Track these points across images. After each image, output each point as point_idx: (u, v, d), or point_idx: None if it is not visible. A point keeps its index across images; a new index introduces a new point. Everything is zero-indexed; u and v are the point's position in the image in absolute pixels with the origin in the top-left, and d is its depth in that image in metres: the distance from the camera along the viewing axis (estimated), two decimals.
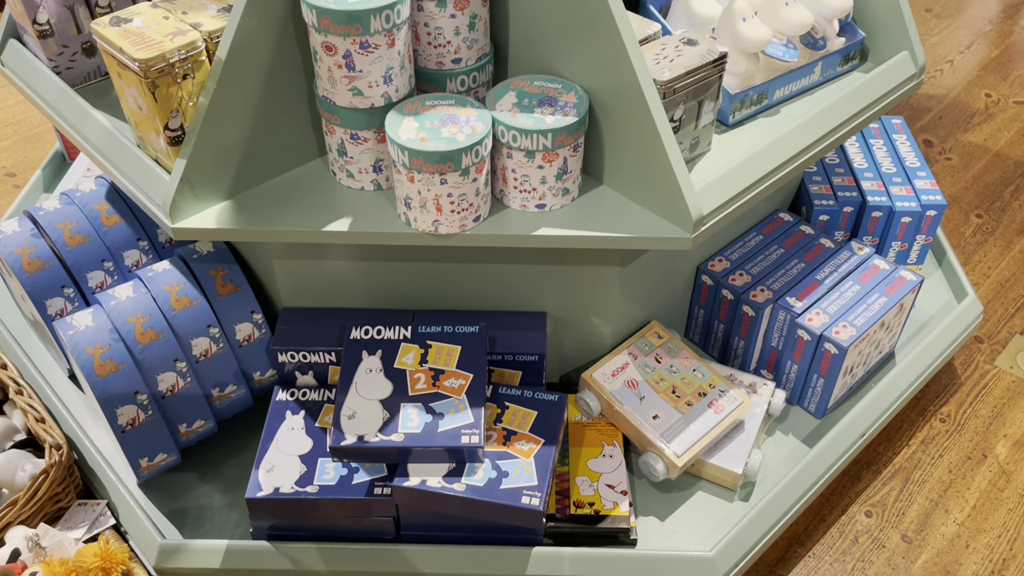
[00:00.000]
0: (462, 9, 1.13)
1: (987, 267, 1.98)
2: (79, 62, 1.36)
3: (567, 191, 1.18)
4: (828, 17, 1.37)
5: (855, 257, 1.51)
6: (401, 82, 1.13)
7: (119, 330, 1.28)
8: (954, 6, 2.97)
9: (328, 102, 1.13)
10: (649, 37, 1.24)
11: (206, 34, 1.10)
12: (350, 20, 1.03)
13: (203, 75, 1.12)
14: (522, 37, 1.19)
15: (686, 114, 1.20)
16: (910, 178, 1.65)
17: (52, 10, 1.29)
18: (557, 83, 1.16)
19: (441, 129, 1.09)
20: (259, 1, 1.06)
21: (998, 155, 2.32)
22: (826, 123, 1.30)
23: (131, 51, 1.05)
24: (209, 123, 1.09)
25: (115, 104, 1.34)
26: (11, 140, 2.33)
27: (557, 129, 1.10)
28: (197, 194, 1.14)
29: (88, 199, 1.46)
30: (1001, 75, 2.64)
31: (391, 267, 1.35)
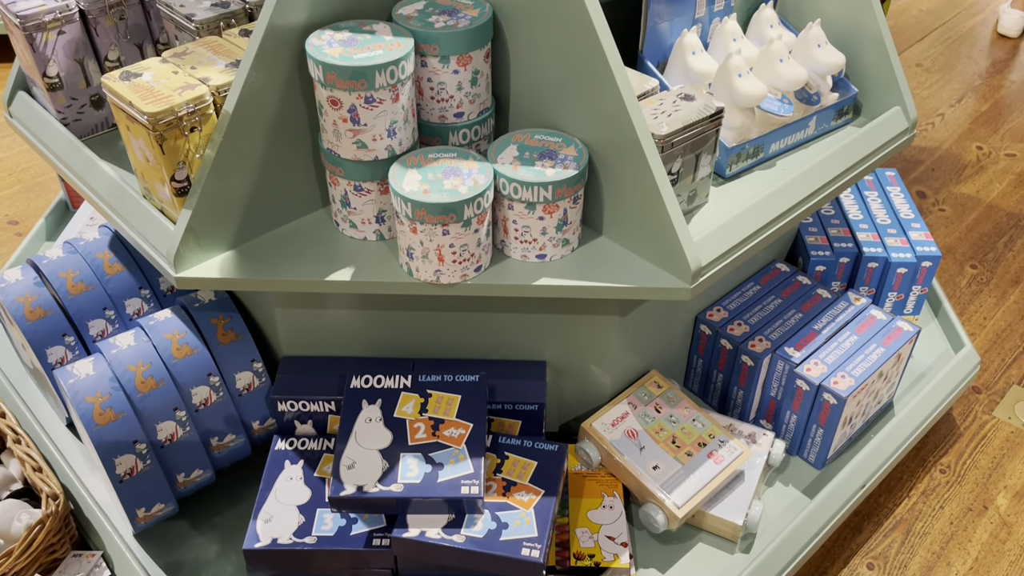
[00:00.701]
0: (464, 65, 1.16)
1: (983, 317, 1.99)
2: (87, 114, 1.39)
3: (567, 242, 1.20)
4: (822, 73, 1.40)
5: (852, 307, 1.53)
6: (405, 135, 1.15)
7: (119, 379, 1.28)
8: (944, 61, 3.04)
9: (333, 154, 1.15)
10: (647, 92, 1.27)
11: (214, 88, 1.12)
12: (355, 75, 1.06)
13: (210, 128, 1.14)
14: (523, 92, 1.22)
15: (684, 167, 1.22)
16: (904, 229, 1.67)
17: (62, 64, 1.32)
18: (557, 137, 1.19)
19: (444, 181, 1.11)
20: (267, 56, 1.08)
21: (991, 206, 2.35)
22: (821, 176, 1.32)
23: (141, 105, 1.07)
24: (215, 174, 1.11)
25: (122, 155, 1.36)
26: (15, 189, 2.35)
27: (557, 182, 1.12)
28: (201, 244, 1.16)
29: (91, 248, 1.47)
30: (992, 128, 2.68)
31: (392, 316, 1.36)
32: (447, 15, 1.15)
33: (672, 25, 1.40)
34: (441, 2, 1.18)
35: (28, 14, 1.26)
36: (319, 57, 1.06)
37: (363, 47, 1.08)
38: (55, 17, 1.28)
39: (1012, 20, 3.14)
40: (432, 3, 1.17)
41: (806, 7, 1.48)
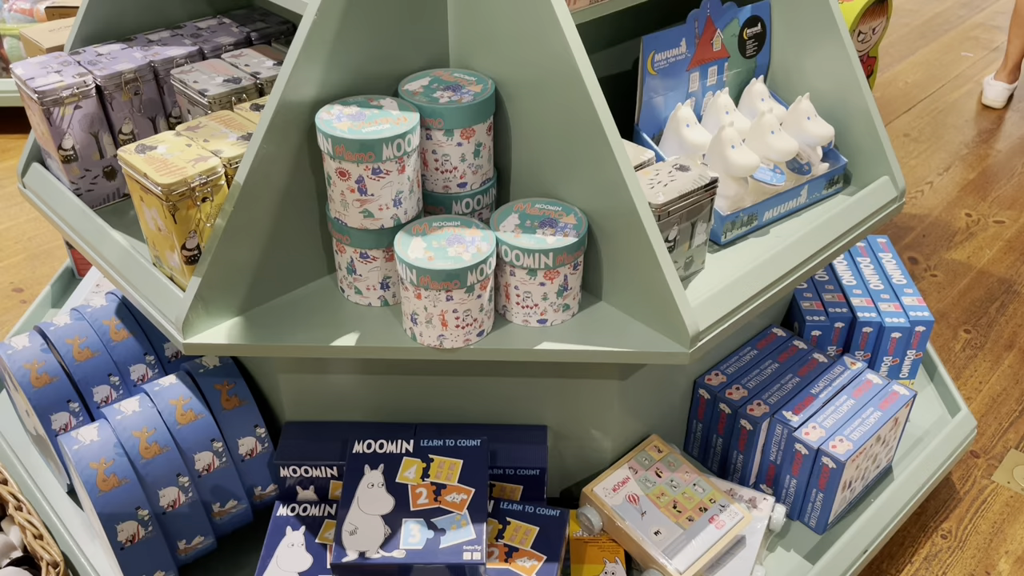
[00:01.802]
0: (468, 138, 1.20)
1: (978, 381, 2.01)
2: (99, 185, 1.43)
3: (568, 307, 1.22)
4: (812, 144, 1.45)
5: (848, 372, 1.55)
6: (410, 205, 1.18)
7: (123, 444, 1.29)
8: (931, 131, 3.12)
9: (340, 223, 1.19)
10: (643, 163, 1.31)
11: (226, 160, 1.16)
12: (363, 148, 1.10)
13: (221, 198, 1.17)
14: (524, 163, 1.26)
15: (680, 234, 1.25)
16: (897, 295, 1.70)
17: (77, 136, 1.36)
18: (557, 206, 1.22)
19: (448, 249, 1.14)
20: (278, 130, 1.13)
21: (982, 272, 2.39)
22: (814, 243, 1.36)
23: (155, 176, 1.11)
24: (225, 243, 1.14)
25: (132, 224, 1.39)
26: (20, 256, 2.38)
27: (558, 249, 1.15)
28: (209, 311, 1.18)
29: (98, 314, 1.49)
30: (980, 196, 2.74)
31: (395, 380, 1.38)
32: (451, 91, 1.20)
33: (666, 99, 1.46)
34: (445, 78, 1.23)
35: (46, 89, 1.31)
36: (328, 131, 1.10)
37: (371, 121, 1.12)
38: (72, 92, 1.33)
39: (996, 92, 3.24)
40: (437, 79, 1.22)
41: (795, 81, 1.54)
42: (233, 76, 1.36)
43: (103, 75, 1.35)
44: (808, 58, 1.50)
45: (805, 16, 1.46)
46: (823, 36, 1.45)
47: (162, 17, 1.54)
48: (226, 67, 1.38)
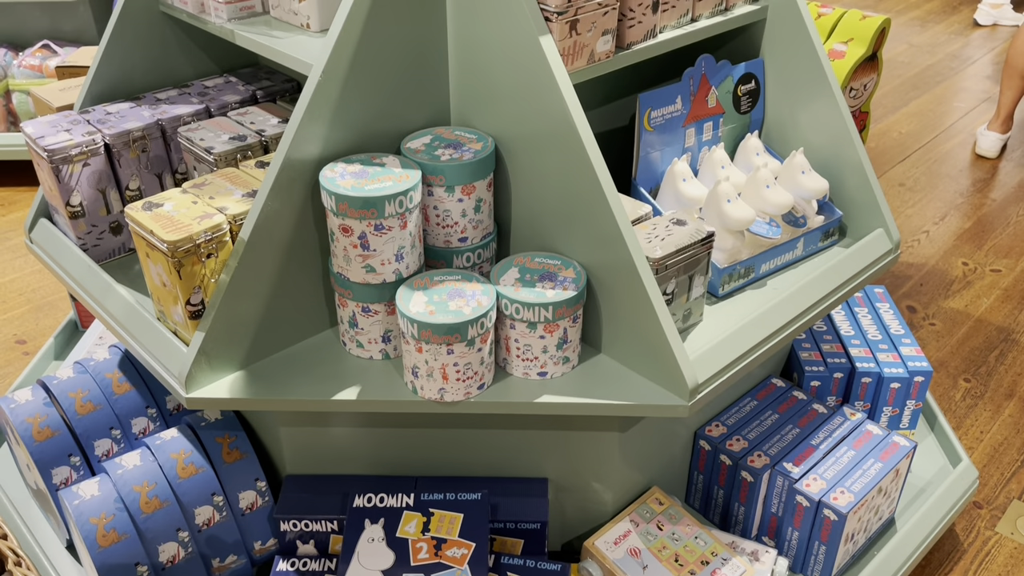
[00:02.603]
0: (468, 194, 1.23)
1: (979, 431, 2.01)
2: (106, 240, 1.45)
3: (567, 360, 1.23)
4: (807, 198, 1.47)
5: (848, 422, 1.55)
6: (412, 259, 1.20)
7: (124, 499, 1.29)
8: (926, 181, 3.16)
9: (342, 278, 1.20)
10: (641, 217, 1.34)
11: (231, 217, 1.18)
12: (366, 205, 1.12)
13: (226, 254, 1.19)
14: (524, 217, 1.28)
15: (678, 287, 1.27)
16: (896, 345, 1.71)
17: (85, 193, 1.39)
18: (557, 259, 1.24)
19: (449, 303, 1.15)
20: (282, 187, 1.15)
21: (980, 321, 2.40)
22: (811, 295, 1.37)
23: (161, 233, 1.13)
24: (229, 298, 1.16)
25: (137, 278, 1.41)
26: (24, 308, 2.40)
27: (557, 302, 1.17)
28: (213, 365, 1.19)
29: (101, 367, 1.50)
30: (976, 244, 2.77)
31: (396, 433, 1.38)
32: (452, 148, 1.22)
33: (663, 154, 1.49)
34: (447, 136, 1.26)
35: (56, 148, 1.34)
36: (332, 188, 1.13)
37: (373, 179, 1.15)
38: (81, 151, 1.36)
39: (989, 142, 3.28)
40: (438, 137, 1.25)
41: (790, 136, 1.57)
42: (239, 134, 1.39)
43: (112, 133, 1.38)
44: (801, 114, 1.53)
45: (798, 73, 1.50)
46: (816, 92, 1.49)
47: (170, 76, 1.58)
48: (232, 125, 1.42)
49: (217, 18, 1.36)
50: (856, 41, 1.58)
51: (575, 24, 1.17)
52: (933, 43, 4.39)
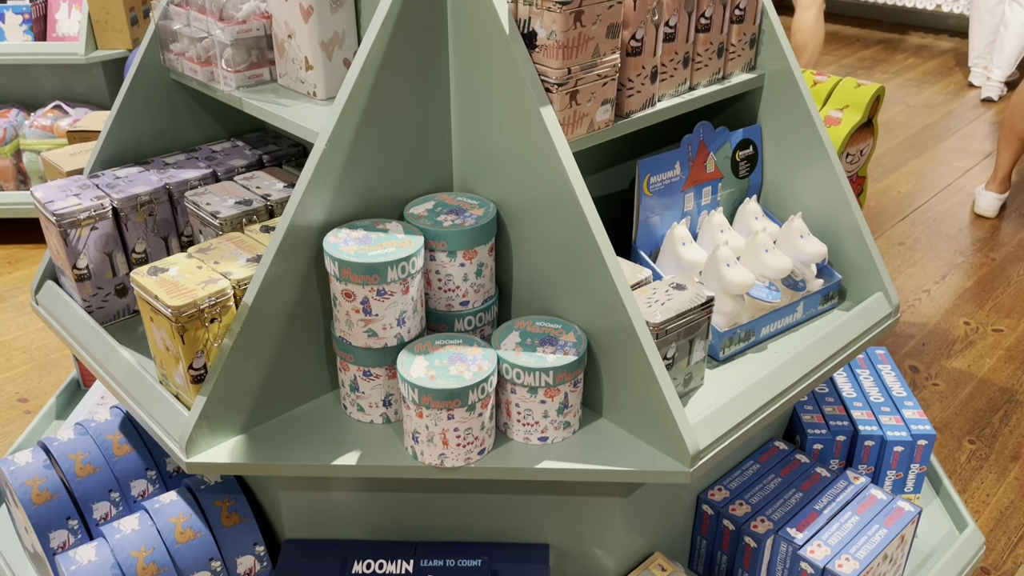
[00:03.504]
0: (470, 259, 1.24)
1: (985, 494, 1.99)
2: (111, 302, 1.46)
3: (568, 424, 1.23)
4: (806, 262, 1.48)
5: (852, 487, 1.54)
6: (413, 324, 1.21)
7: (121, 565, 1.28)
8: (925, 240, 3.18)
9: (344, 342, 1.21)
10: (641, 282, 1.35)
11: (235, 282, 1.20)
12: (369, 271, 1.13)
13: (229, 318, 1.20)
14: (524, 281, 1.30)
15: (678, 352, 1.27)
16: (898, 408, 1.71)
17: (92, 256, 1.41)
18: (557, 323, 1.25)
19: (450, 367, 1.16)
20: (286, 252, 1.17)
21: (983, 381, 2.40)
22: (812, 359, 1.38)
23: (166, 298, 1.14)
24: (231, 362, 1.17)
25: (141, 340, 1.42)
26: (27, 366, 2.40)
27: (558, 367, 1.17)
28: (214, 429, 1.19)
29: (102, 429, 1.50)
30: (977, 304, 2.77)
31: (395, 498, 1.37)
32: (454, 214, 1.24)
33: (663, 218, 1.51)
34: (449, 202, 1.28)
35: (64, 212, 1.36)
36: (335, 254, 1.14)
37: (377, 244, 1.16)
38: (90, 215, 1.38)
39: (988, 201, 3.31)
40: (441, 203, 1.27)
41: (788, 200, 1.59)
42: (244, 198, 1.41)
43: (120, 198, 1.41)
44: (799, 179, 1.55)
45: (795, 140, 1.52)
46: (813, 158, 1.51)
47: (179, 141, 1.61)
48: (238, 189, 1.44)
49: (226, 86, 1.40)
50: (852, 108, 1.61)
51: (575, 95, 1.20)
52: (930, 103, 4.46)
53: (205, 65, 1.41)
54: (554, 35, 1.14)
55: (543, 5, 1.13)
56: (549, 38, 1.15)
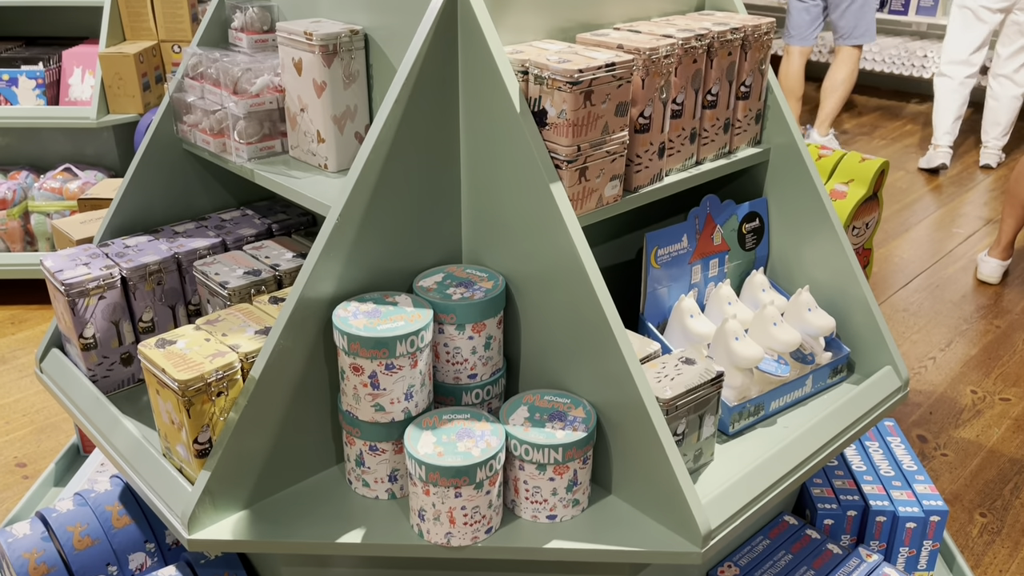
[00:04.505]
0: (479, 332, 1.24)
1: (998, 570, 1.95)
2: (115, 371, 1.45)
3: (577, 502, 1.21)
4: (814, 335, 1.48)
5: (864, 565, 1.51)
6: (421, 398, 1.20)
7: None
8: (929, 306, 3.18)
9: (351, 416, 1.20)
10: (650, 355, 1.34)
11: (243, 355, 1.19)
12: (378, 345, 1.13)
13: (236, 392, 1.19)
14: (533, 353, 1.29)
15: (688, 427, 1.26)
16: (909, 482, 1.68)
17: (99, 325, 1.40)
18: (566, 398, 1.24)
19: (457, 443, 1.14)
20: (295, 325, 1.16)
21: (992, 452, 2.37)
22: (823, 435, 1.36)
23: (173, 372, 1.14)
24: (236, 437, 1.15)
25: (145, 409, 1.41)
26: (26, 430, 2.38)
27: (567, 444, 1.16)
28: (217, 505, 1.17)
29: (101, 500, 1.48)
30: (983, 372, 2.76)
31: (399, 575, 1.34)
32: (463, 287, 1.24)
33: (670, 290, 1.51)
34: (458, 274, 1.28)
35: (73, 282, 1.36)
36: (344, 328, 1.14)
37: (386, 318, 1.16)
38: (98, 284, 1.38)
39: (991, 268, 3.32)
40: (450, 275, 1.27)
41: (794, 272, 1.59)
42: (253, 268, 1.41)
43: (129, 267, 1.41)
44: (805, 251, 1.56)
45: (801, 213, 1.53)
46: (819, 230, 1.52)
47: (189, 209, 1.63)
48: (247, 259, 1.44)
49: (238, 158, 1.41)
50: (857, 182, 1.62)
51: (584, 171, 1.21)
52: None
53: (218, 136, 1.43)
54: (564, 114, 1.16)
55: (553, 84, 1.15)
56: (559, 116, 1.16)
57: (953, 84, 4.38)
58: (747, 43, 1.42)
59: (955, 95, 4.39)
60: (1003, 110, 4.42)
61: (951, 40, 4.37)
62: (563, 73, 1.13)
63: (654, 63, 1.25)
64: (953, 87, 4.38)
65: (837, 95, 4.48)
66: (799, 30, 4.44)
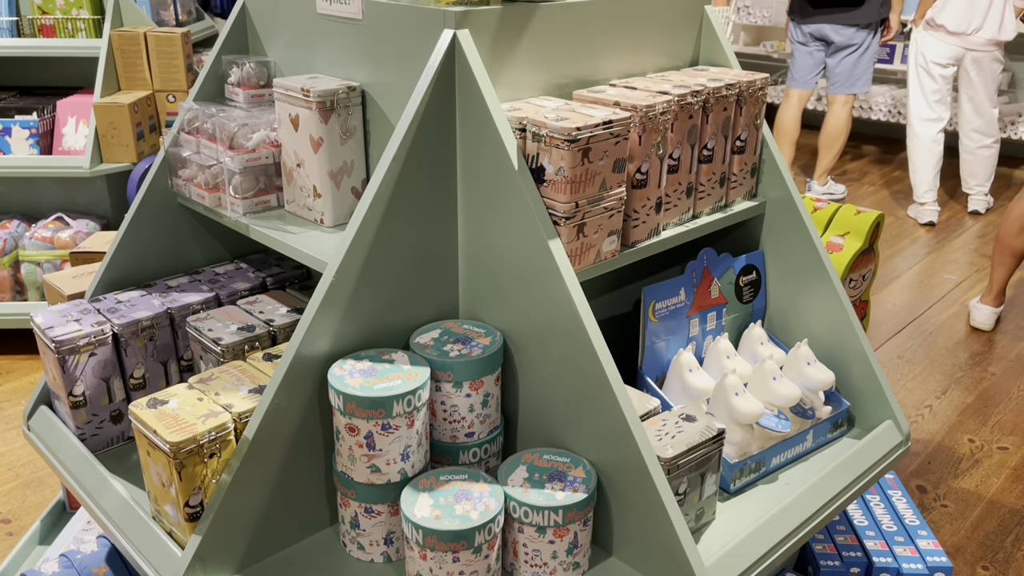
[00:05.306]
0: (476, 389, 1.22)
1: None
2: (105, 428, 1.42)
3: (577, 565, 1.19)
4: (813, 389, 1.47)
5: None
6: (418, 458, 1.18)
7: None
8: (923, 354, 3.17)
9: (346, 477, 1.17)
10: (649, 412, 1.32)
11: (236, 415, 1.17)
12: (375, 405, 1.11)
13: (229, 453, 1.17)
14: (531, 411, 1.27)
15: (690, 486, 1.24)
16: (912, 537, 1.66)
17: (89, 383, 1.38)
18: (565, 457, 1.22)
19: (455, 506, 1.12)
20: (290, 384, 1.14)
21: (992, 503, 2.35)
22: (825, 493, 1.34)
23: (164, 433, 1.11)
24: (228, 499, 1.13)
25: (134, 468, 1.37)
26: (11, 485, 2.33)
27: (568, 506, 1.13)
28: (208, 570, 1.14)
29: (88, 561, 1.44)
30: (980, 420, 2.74)
31: None
32: (461, 343, 1.23)
33: (668, 344, 1.49)
34: (455, 330, 1.26)
35: (64, 339, 1.34)
36: (340, 388, 1.12)
37: (382, 377, 1.14)
38: (89, 341, 1.36)
39: (983, 315, 3.32)
40: (447, 331, 1.26)
41: (792, 325, 1.58)
42: (247, 324, 1.40)
43: (121, 323, 1.39)
44: (803, 303, 1.55)
45: (797, 264, 1.53)
46: (816, 283, 1.52)
47: (182, 263, 1.61)
48: (241, 314, 1.43)
49: (233, 212, 1.40)
50: (853, 235, 1.63)
51: (582, 227, 1.20)
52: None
53: (213, 191, 1.42)
54: (562, 171, 1.15)
55: (552, 142, 1.15)
56: (557, 173, 1.16)
57: (925, 143, 4.41)
58: (742, 98, 1.43)
59: (929, 153, 4.42)
60: (976, 161, 4.48)
61: (913, 99, 4.42)
62: (561, 131, 1.13)
63: (651, 120, 1.25)
64: (926, 145, 4.41)
65: (836, 148, 4.54)
66: (801, 73, 4.51)
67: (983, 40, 4.15)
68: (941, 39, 4.22)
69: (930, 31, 4.25)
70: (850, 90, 4.44)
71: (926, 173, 4.43)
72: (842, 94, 4.46)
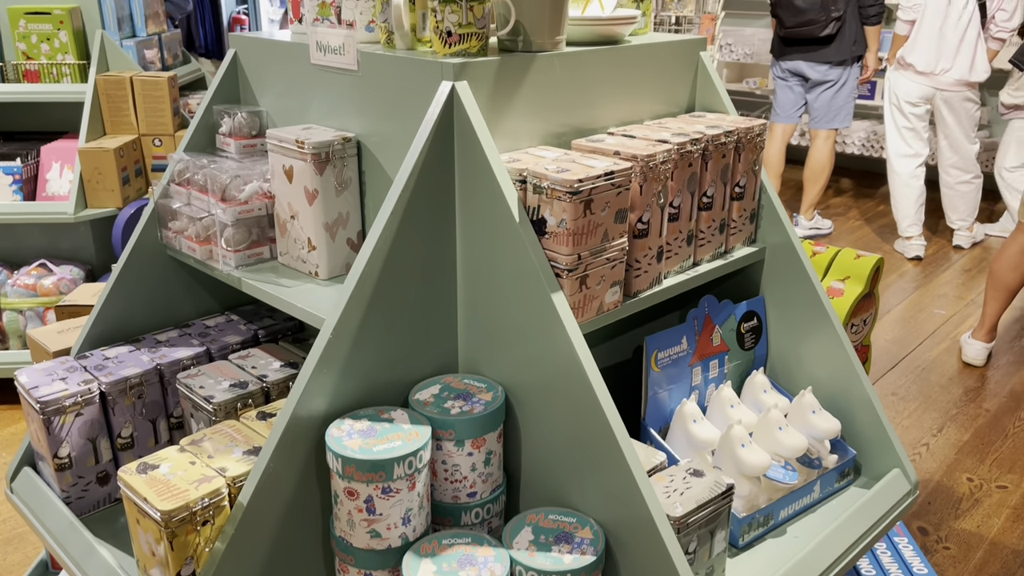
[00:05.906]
0: (479, 447, 1.18)
1: None
2: (91, 491, 1.37)
3: None
4: (819, 438, 1.44)
5: None
6: (419, 521, 1.14)
7: None
8: (917, 390, 3.16)
9: (344, 542, 1.13)
10: (656, 467, 1.29)
11: (230, 479, 1.13)
12: (374, 468, 1.07)
13: (222, 519, 1.12)
14: (534, 468, 1.23)
15: (699, 543, 1.20)
16: None
17: (75, 444, 1.33)
18: (571, 516, 1.18)
19: (459, 572, 1.08)
20: (286, 446, 1.10)
21: (994, 544, 2.32)
22: (836, 547, 1.31)
23: (155, 501, 1.07)
24: (223, 569, 1.08)
25: (122, 532, 1.32)
26: None
27: (576, 569, 1.09)
28: None
29: None
30: (978, 458, 2.72)
31: None
32: (462, 399, 1.19)
33: (671, 393, 1.46)
34: (455, 386, 1.23)
35: (49, 399, 1.30)
36: (338, 450, 1.08)
37: (382, 437, 1.11)
38: (75, 401, 1.31)
39: (975, 351, 3.32)
40: (447, 387, 1.23)
41: (795, 371, 1.56)
42: (240, 380, 1.36)
43: (108, 382, 1.35)
44: (805, 349, 1.53)
45: (798, 310, 1.51)
46: (817, 328, 1.50)
47: (171, 316, 1.57)
48: (233, 370, 1.39)
49: (225, 265, 1.37)
50: (853, 279, 1.61)
51: (585, 279, 1.18)
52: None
53: (204, 243, 1.39)
54: (564, 223, 1.13)
55: (553, 194, 1.13)
56: (559, 225, 1.14)
57: (904, 178, 4.44)
58: (740, 145, 1.42)
59: (908, 188, 4.45)
60: (956, 196, 4.52)
61: (889, 136, 4.47)
62: (562, 183, 1.11)
63: (652, 169, 1.24)
64: (905, 180, 4.44)
65: (821, 182, 4.58)
66: (784, 109, 4.57)
67: (952, 80, 4.19)
68: (910, 78, 4.27)
69: (900, 70, 4.30)
70: (830, 125, 4.48)
71: (908, 208, 4.46)
72: (823, 129, 4.50)
